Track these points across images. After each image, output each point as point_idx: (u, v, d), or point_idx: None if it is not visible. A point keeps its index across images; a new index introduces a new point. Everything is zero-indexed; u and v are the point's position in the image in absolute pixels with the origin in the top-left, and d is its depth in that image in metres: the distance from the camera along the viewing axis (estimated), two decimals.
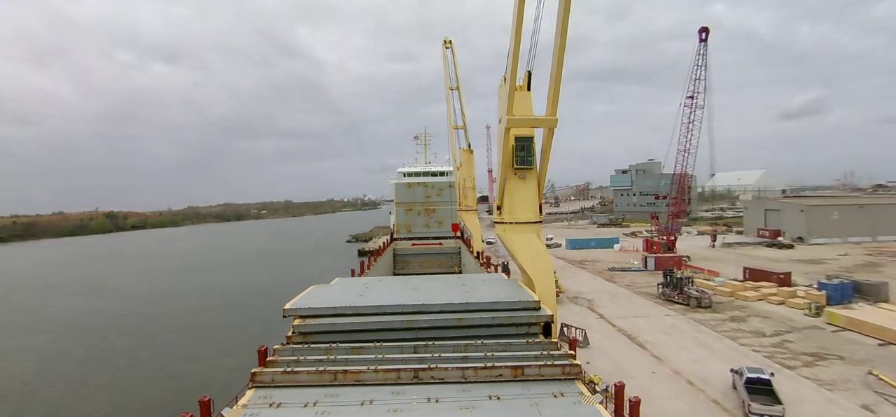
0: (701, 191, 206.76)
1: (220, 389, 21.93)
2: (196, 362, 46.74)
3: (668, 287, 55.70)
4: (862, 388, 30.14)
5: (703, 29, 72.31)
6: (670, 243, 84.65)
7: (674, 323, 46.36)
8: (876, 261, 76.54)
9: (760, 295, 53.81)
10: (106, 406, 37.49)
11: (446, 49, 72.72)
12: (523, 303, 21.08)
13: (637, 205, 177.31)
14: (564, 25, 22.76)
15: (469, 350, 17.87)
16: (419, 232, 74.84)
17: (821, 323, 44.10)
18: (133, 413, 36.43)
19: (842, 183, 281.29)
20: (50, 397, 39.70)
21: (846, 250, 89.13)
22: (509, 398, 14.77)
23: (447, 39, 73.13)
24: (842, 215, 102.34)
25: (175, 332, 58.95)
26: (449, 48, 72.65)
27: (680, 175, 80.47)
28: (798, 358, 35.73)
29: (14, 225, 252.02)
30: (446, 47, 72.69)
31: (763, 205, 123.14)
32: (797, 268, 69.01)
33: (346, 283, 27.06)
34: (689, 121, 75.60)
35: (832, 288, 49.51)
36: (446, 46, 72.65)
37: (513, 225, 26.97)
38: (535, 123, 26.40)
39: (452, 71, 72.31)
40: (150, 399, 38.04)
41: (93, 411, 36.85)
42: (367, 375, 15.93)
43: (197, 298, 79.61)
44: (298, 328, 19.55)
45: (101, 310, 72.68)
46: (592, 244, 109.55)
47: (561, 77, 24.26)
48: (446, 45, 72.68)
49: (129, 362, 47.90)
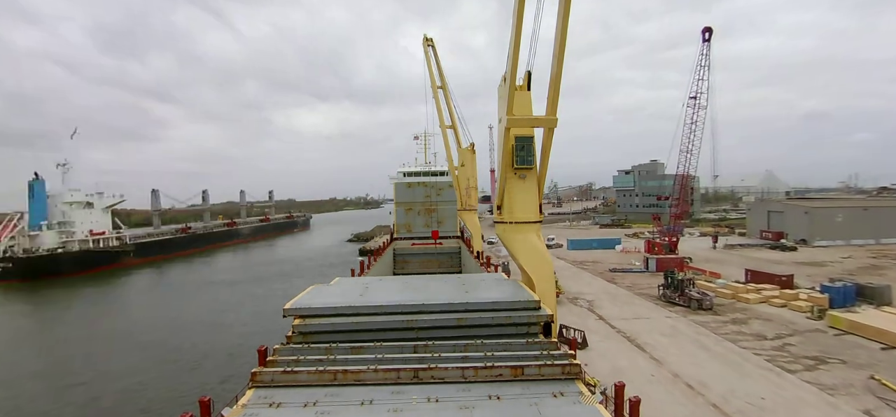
0: (704, 192, 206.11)
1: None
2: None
3: (668, 288, 55.59)
4: (864, 393, 30.03)
5: (707, 29, 72.09)
6: (672, 244, 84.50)
7: (674, 325, 46.27)
8: (879, 264, 76.24)
9: (762, 298, 53.65)
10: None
11: (427, 47, 68.75)
12: (523, 303, 21.08)
13: (640, 206, 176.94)
14: (564, 25, 22.77)
15: (469, 349, 17.88)
16: (419, 232, 74.88)
17: (823, 327, 43.95)
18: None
19: (846, 185, 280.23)
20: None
21: (850, 252, 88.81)
22: (509, 397, 14.79)
23: (427, 37, 68.84)
24: (845, 217, 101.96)
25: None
26: (430, 46, 68.60)
27: (682, 176, 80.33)
28: (799, 362, 35.61)
29: None
30: (427, 45, 68.73)
31: (766, 207, 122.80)
32: (800, 271, 68.80)
33: (346, 283, 27.10)
34: (692, 122, 75.43)
35: (835, 290, 49.32)
36: (427, 44, 68.68)
37: (513, 225, 26.99)
38: (535, 123, 26.41)
39: (437, 70, 68.42)
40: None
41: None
42: (367, 375, 15.97)
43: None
44: (298, 328, 19.60)
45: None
46: (594, 245, 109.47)
47: (561, 77, 24.27)
48: (427, 43, 68.70)
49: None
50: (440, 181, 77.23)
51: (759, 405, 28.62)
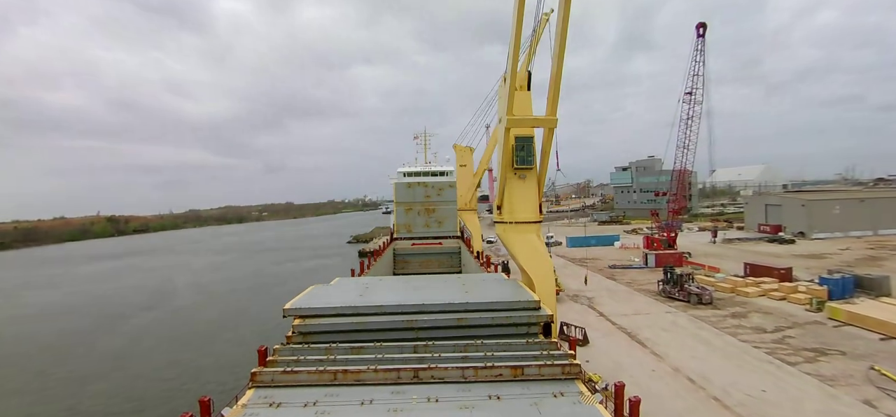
0: (701, 187, 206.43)
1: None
2: None
3: (668, 284, 55.70)
4: (864, 383, 30.12)
5: (701, 24, 72.15)
6: (671, 240, 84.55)
7: (674, 320, 46.33)
8: (877, 255, 76.46)
9: (761, 291, 53.75)
10: None
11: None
12: (523, 303, 21.11)
13: (637, 202, 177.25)
14: (564, 26, 22.81)
15: (469, 349, 17.89)
16: (419, 232, 74.77)
17: (822, 318, 44.06)
18: None
19: (843, 177, 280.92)
20: None
21: (848, 244, 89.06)
22: (509, 398, 14.78)
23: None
24: (843, 209, 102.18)
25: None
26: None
27: (680, 171, 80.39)
28: (799, 354, 35.70)
29: (15, 231, 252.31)
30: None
31: (764, 201, 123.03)
32: (798, 263, 68.89)
33: (347, 283, 27.09)
34: (688, 117, 75.48)
35: (833, 282, 49.45)
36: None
37: (513, 224, 27.01)
38: (534, 123, 26.44)
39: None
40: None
41: None
42: (367, 375, 15.96)
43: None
44: (298, 328, 19.61)
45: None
46: (593, 241, 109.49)
47: (561, 77, 24.30)
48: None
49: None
50: (440, 181, 77.11)
51: (760, 397, 28.67)
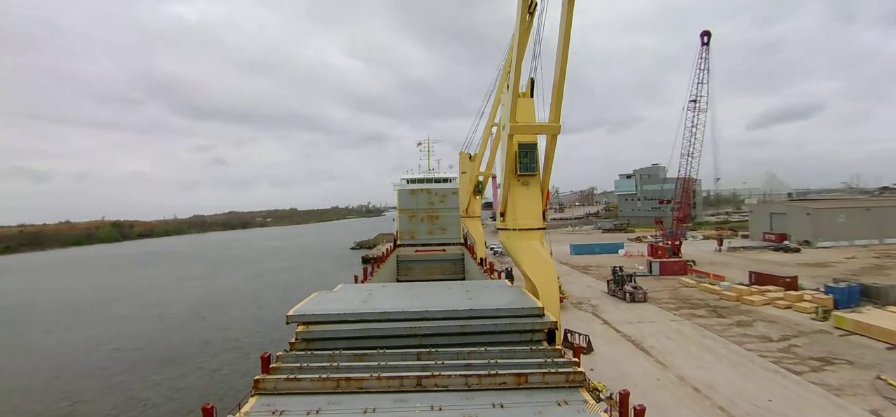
0: (706, 195, 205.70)
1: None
2: None
3: (614, 284, 61.03)
4: (871, 393, 29.76)
5: (705, 32, 72.31)
6: (675, 248, 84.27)
7: (679, 328, 46.03)
8: (883, 264, 75.82)
9: (767, 300, 53.36)
10: None
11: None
12: (527, 310, 21.02)
13: (642, 210, 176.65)
14: (567, 33, 22.88)
15: (472, 357, 17.82)
16: (422, 239, 74.80)
17: (828, 328, 43.65)
18: None
19: (848, 185, 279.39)
20: None
21: (853, 253, 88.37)
22: (513, 406, 14.69)
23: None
24: (848, 218, 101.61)
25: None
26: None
27: (684, 179, 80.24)
28: (805, 363, 35.35)
29: (21, 235, 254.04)
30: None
31: (769, 209, 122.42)
32: (804, 272, 68.40)
33: (350, 289, 27.10)
34: (693, 125, 75.46)
35: (839, 291, 49.02)
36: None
37: (516, 231, 26.96)
38: (538, 130, 26.47)
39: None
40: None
41: None
42: (370, 382, 15.92)
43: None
44: (302, 334, 19.60)
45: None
46: (597, 249, 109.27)
47: (564, 84, 24.33)
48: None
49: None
50: (443, 188, 77.26)
51: (766, 407, 28.37)
